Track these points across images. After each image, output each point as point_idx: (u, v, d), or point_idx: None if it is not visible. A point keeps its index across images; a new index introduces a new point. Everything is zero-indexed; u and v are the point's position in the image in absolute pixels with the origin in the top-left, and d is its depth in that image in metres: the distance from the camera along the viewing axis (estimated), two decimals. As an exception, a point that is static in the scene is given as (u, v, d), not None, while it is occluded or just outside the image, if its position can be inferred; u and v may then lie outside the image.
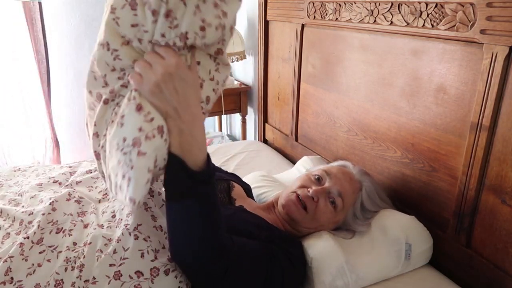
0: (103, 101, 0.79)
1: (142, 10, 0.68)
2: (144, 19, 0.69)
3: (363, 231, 1.07)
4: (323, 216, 1.04)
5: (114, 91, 0.77)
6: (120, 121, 0.72)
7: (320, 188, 1.05)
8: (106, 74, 0.77)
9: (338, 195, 1.04)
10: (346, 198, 1.05)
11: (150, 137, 0.70)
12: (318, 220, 1.04)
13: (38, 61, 2.62)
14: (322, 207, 1.03)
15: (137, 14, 0.69)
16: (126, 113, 0.71)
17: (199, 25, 0.69)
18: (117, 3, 0.70)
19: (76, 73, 2.89)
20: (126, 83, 0.76)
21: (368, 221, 1.08)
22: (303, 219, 1.04)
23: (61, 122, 2.96)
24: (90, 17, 2.79)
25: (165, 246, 0.86)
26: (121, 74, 0.76)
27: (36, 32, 2.56)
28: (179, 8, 0.68)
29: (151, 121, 0.71)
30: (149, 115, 0.71)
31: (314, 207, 1.03)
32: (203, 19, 0.69)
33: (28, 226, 0.90)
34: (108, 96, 0.78)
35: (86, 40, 2.82)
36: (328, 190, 1.05)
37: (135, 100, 0.71)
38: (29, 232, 0.86)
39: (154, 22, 0.68)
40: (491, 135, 0.94)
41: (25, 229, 0.89)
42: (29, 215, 0.94)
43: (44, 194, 1.04)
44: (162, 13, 0.67)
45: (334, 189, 1.05)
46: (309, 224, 1.06)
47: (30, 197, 1.04)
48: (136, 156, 0.69)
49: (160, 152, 0.72)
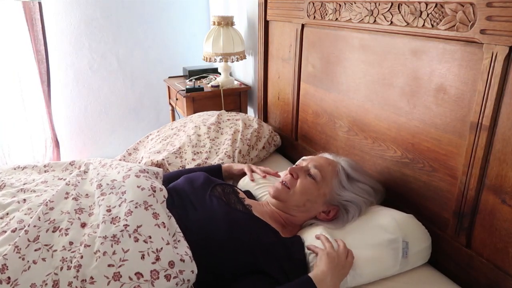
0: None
1: None
2: None
3: (356, 204, 1.09)
4: (307, 189, 1.10)
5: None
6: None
7: (296, 166, 1.16)
8: None
9: (315, 167, 1.13)
10: (323, 169, 1.13)
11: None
12: (303, 193, 1.10)
13: (38, 61, 2.62)
14: (303, 181, 1.12)
15: None
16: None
17: None
18: None
19: (76, 73, 2.90)
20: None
21: (358, 194, 1.10)
22: (289, 197, 1.11)
23: (61, 122, 2.96)
24: (90, 17, 2.79)
25: (169, 242, 0.86)
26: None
27: (36, 32, 2.56)
28: None
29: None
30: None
31: (295, 184, 1.12)
32: None
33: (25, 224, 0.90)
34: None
35: (86, 40, 2.82)
36: (305, 168, 1.14)
37: None
38: (25, 229, 0.86)
39: None
40: (491, 135, 0.94)
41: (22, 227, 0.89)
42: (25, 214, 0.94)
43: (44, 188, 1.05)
44: None
45: (310, 164, 1.14)
46: (297, 201, 1.10)
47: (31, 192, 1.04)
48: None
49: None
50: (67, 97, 2.94)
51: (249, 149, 1.70)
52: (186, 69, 2.78)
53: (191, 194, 1.10)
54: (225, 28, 2.35)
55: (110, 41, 2.89)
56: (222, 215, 1.00)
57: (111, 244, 0.82)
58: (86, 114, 3.03)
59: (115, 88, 3.05)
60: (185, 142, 1.66)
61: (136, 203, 0.93)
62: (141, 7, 2.92)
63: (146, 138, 1.85)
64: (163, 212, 0.95)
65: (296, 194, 1.11)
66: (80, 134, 3.07)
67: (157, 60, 3.09)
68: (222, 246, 0.94)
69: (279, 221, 1.13)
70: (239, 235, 0.96)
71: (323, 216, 1.11)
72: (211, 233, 0.96)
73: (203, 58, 2.44)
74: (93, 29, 2.82)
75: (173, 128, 1.85)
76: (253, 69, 2.56)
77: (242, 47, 2.41)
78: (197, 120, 1.86)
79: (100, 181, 1.05)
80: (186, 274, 0.84)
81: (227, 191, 1.16)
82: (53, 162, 1.30)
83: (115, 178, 1.06)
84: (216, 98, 2.45)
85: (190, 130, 1.76)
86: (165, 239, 0.86)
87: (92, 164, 1.20)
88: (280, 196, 1.12)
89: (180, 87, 2.52)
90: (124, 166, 1.13)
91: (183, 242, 0.91)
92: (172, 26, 3.05)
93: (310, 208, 1.11)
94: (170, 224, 0.94)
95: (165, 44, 3.08)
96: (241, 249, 0.94)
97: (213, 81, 2.55)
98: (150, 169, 1.14)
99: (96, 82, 2.97)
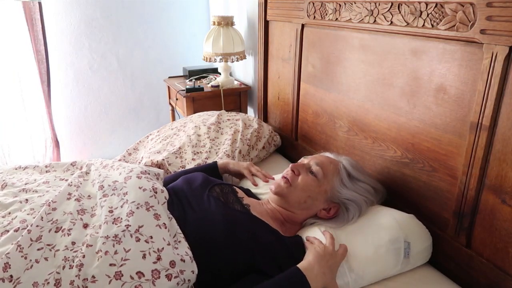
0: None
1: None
2: None
3: (356, 203, 1.10)
4: (308, 186, 1.11)
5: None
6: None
7: (298, 163, 1.17)
8: None
9: (316, 165, 1.13)
10: (325, 167, 1.13)
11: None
12: (305, 190, 1.11)
13: (38, 61, 2.62)
14: (304, 177, 1.12)
15: None
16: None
17: None
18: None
19: (76, 73, 2.90)
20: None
21: (359, 192, 1.11)
22: (290, 192, 1.11)
23: (61, 122, 2.96)
24: (90, 17, 2.79)
25: (170, 243, 0.86)
26: None
27: (36, 32, 2.56)
28: None
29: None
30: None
31: (296, 180, 1.12)
32: None
33: (27, 224, 0.90)
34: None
35: (86, 40, 2.82)
36: (307, 165, 1.15)
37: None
38: (28, 229, 0.86)
39: None
40: (491, 135, 0.95)
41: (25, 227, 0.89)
42: (28, 214, 0.94)
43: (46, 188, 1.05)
44: None
45: (312, 162, 1.15)
46: (298, 197, 1.11)
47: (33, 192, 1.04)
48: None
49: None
50: (67, 97, 2.94)
51: (249, 149, 1.71)
52: (186, 69, 2.79)
53: (189, 195, 1.10)
54: (225, 28, 2.35)
55: (110, 41, 2.90)
56: (220, 216, 1.01)
57: (113, 243, 0.83)
58: (86, 114, 3.03)
59: (115, 88, 3.05)
60: (185, 142, 1.66)
61: (137, 204, 0.93)
62: (141, 7, 2.92)
63: (146, 138, 1.85)
64: (164, 213, 0.95)
65: (297, 190, 1.11)
66: (80, 134, 3.07)
67: (157, 60, 3.10)
68: (220, 246, 0.94)
69: (279, 220, 1.13)
70: (237, 235, 0.96)
71: (324, 213, 1.12)
72: (209, 233, 0.97)
73: (203, 58, 2.44)
74: (93, 29, 2.82)
75: (173, 128, 1.86)
76: (253, 69, 2.56)
77: (242, 47, 2.41)
78: (197, 120, 1.86)
79: (101, 182, 1.05)
80: (187, 274, 0.84)
81: (226, 191, 1.16)
82: (54, 163, 1.31)
83: (116, 179, 1.06)
84: (216, 98, 2.45)
85: (190, 130, 1.76)
86: (166, 240, 0.87)
87: (93, 165, 1.20)
88: (282, 191, 1.12)
89: (180, 87, 2.52)
90: (126, 167, 1.13)
91: (183, 243, 0.92)
92: (172, 26, 3.05)
93: (311, 205, 1.11)
94: (171, 225, 0.94)
95: (165, 44, 3.08)
96: (240, 249, 0.95)
97: (213, 81, 2.55)
98: (151, 170, 1.14)
99: (96, 82, 2.97)
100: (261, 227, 1.03)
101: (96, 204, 1.00)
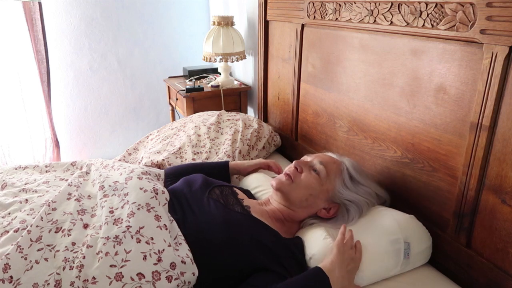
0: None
1: None
2: None
3: (357, 204, 1.10)
4: (310, 184, 1.11)
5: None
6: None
7: (301, 160, 1.17)
8: None
9: (320, 163, 1.13)
10: (328, 166, 1.13)
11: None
12: (306, 187, 1.10)
13: (38, 61, 2.62)
14: (307, 175, 1.12)
15: None
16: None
17: None
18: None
19: (76, 73, 2.90)
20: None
21: (360, 194, 1.11)
22: (291, 189, 1.11)
23: (61, 122, 2.96)
24: (90, 17, 2.79)
25: (171, 244, 0.86)
26: None
27: (36, 32, 2.56)
28: None
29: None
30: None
31: (299, 177, 1.12)
32: None
33: (27, 224, 0.90)
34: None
35: (86, 40, 2.82)
36: (310, 163, 1.15)
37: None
38: (28, 229, 0.86)
39: None
40: (491, 135, 0.95)
41: (25, 227, 0.89)
42: (28, 215, 0.94)
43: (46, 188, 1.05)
44: None
45: (315, 160, 1.15)
46: (300, 194, 1.10)
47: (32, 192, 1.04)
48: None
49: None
50: (67, 97, 2.94)
51: (249, 149, 1.71)
52: (186, 69, 2.79)
53: (189, 197, 1.10)
54: (225, 28, 2.35)
55: (110, 41, 2.89)
56: (220, 218, 1.00)
57: (114, 244, 0.82)
58: (86, 114, 3.03)
59: (115, 88, 3.05)
60: (185, 142, 1.66)
61: (138, 205, 0.93)
62: (141, 7, 2.92)
63: (146, 138, 1.85)
64: (165, 214, 0.95)
65: (299, 188, 1.11)
66: (80, 134, 3.07)
67: (157, 60, 3.10)
68: (220, 249, 0.94)
69: (279, 219, 1.12)
70: (238, 237, 0.96)
71: (324, 213, 1.12)
72: (209, 235, 0.96)
73: (203, 58, 2.44)
74: (93, 29, 2.82)
75: (173, 128, 1.86)
76: (253, 69, 2.56)
77: (242, 47, 2.41)
78: (197, 120, 1.86)
79: (102, 182, 1.05)
80: (187, 276, 0.85)
81: (226, 192, 1.16)
82: (54, 163, 1.30)
83: (117, 179, 1.06)
84: (216, 98, 2.45)
85: (190, 130, 1.76)
86: (167, 241, 0.86)
87: (94, 165, 1.20)
88: (283, 188, 1.11)
89: (180, 87, 2.52)
90: (126, 167, 1.13)
91: (184, 245, 0.92)
92: (172, 26, 3.05)
93: (312, 203, 1.11)
94: (172, 227, 0.94)
95: (165, 44, 3.08)
96: (240, 251, 0.94)
97: (213, 81, 2.55)
98: (152, 171, 1.14)
99: (96, 82, 2.97)
100: (262, 228, 1.03)
101: (96, 205, 1.00)
